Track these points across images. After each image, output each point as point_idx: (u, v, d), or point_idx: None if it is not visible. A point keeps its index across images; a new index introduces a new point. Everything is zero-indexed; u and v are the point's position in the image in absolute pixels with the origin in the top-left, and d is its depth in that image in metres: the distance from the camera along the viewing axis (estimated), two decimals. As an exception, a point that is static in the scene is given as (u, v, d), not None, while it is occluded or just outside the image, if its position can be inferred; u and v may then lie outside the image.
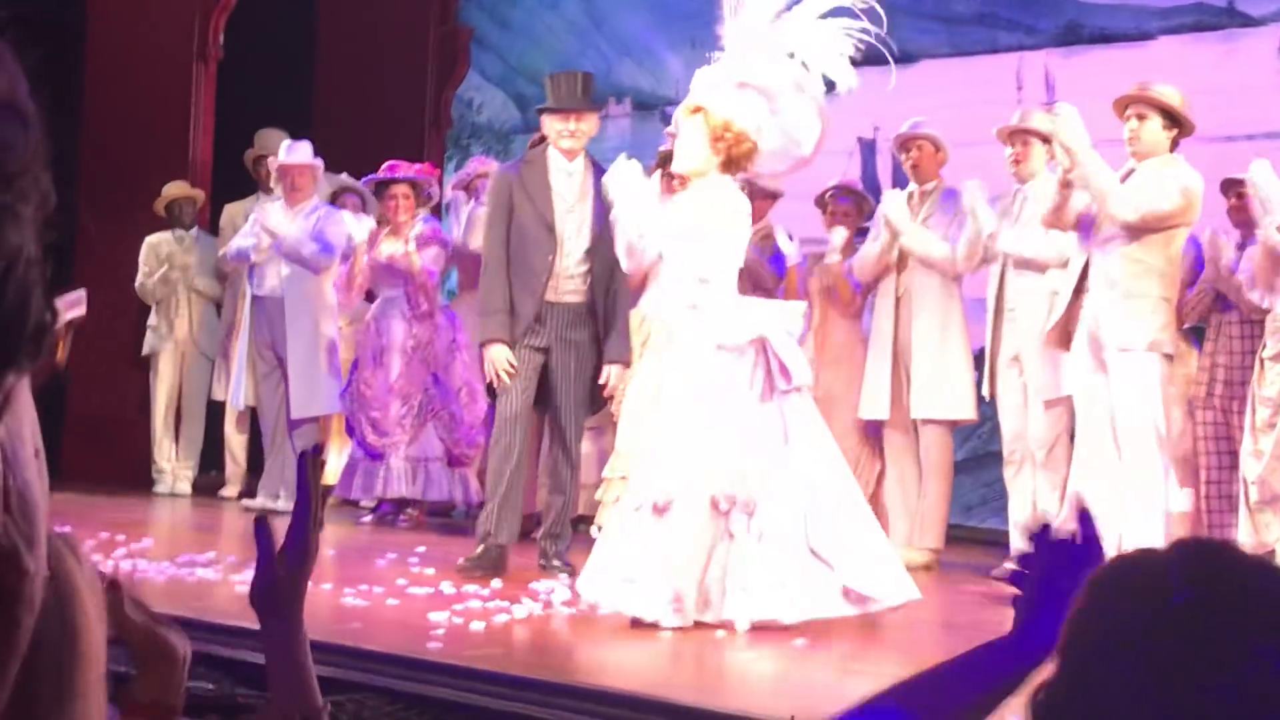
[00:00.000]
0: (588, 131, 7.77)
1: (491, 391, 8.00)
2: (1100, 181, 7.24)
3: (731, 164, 6.57)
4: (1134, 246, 7.31)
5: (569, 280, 7.70)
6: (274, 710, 1.97)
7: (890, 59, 6.48)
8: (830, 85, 6.57)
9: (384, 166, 9.99)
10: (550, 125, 7.84)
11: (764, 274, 9.59)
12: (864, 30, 6.50)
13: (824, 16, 6.50)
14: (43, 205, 0.71)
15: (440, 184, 10.96)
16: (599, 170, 7.54)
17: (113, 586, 1.88)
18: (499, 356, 7.66)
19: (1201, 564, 1.51)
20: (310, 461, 2.17)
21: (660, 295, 6.79)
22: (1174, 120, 7.41)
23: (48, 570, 0.75)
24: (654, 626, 6.10)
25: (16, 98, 0.71)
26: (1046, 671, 1.59)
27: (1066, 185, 7.43)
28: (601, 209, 7.35)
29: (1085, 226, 7.51)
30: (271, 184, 10.49)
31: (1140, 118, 7.42)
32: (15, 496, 0.71)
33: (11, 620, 0.72)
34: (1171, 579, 1.50)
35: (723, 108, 6.47)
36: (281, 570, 2.10)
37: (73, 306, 0.69)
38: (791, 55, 6.53)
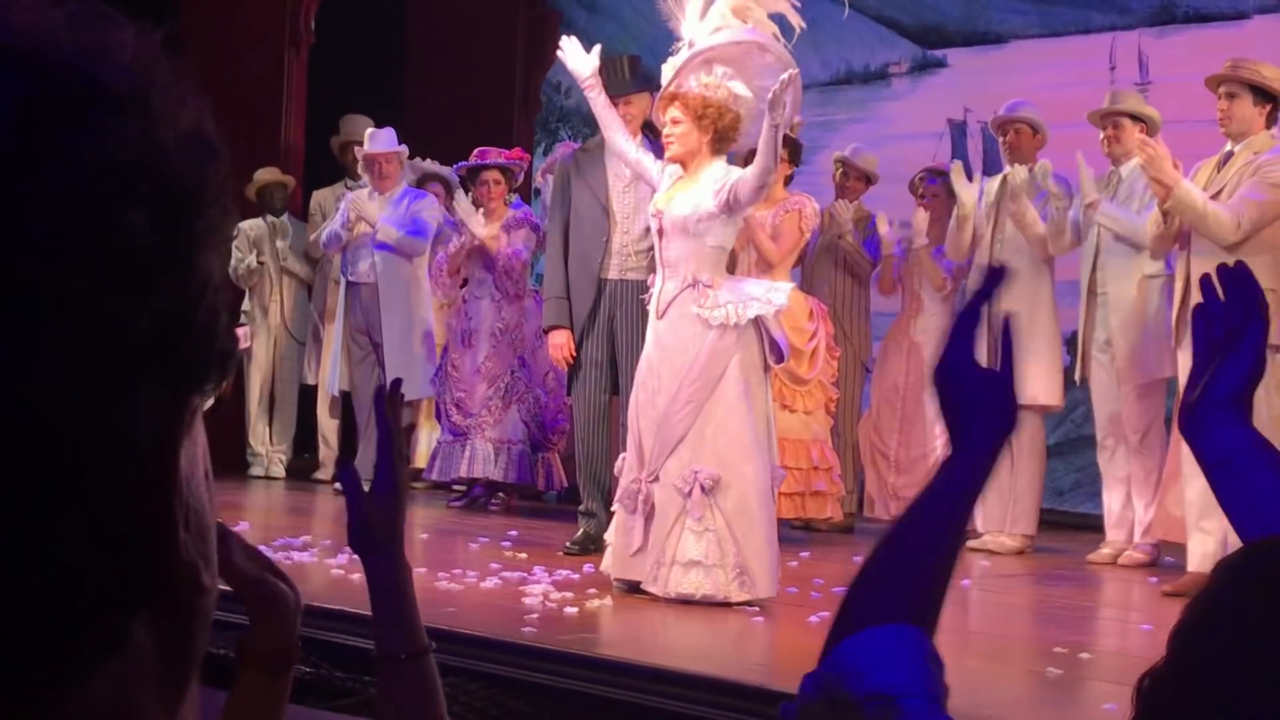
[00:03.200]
0: (639, 114, 7.85)
1: (572, 376, 8.07)
2: (1198, 211, 7.14)
3: (720, 139, 6.56)
4: (1239, 247, 7.21)
5: (631, 258, 7.81)
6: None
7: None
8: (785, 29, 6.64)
9: (474, 153, 10.04)
10: None
11: (859, 260, 9.58)
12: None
13: None
14: (228, 235, 0.75)
15: (530, 168, 10.99)
16: (655, 146, 7.66)
17: (222, 538, 1.89)
18: (559, 342, 7.90)
19: None
20: (388, 397, 2.17)
21: (660, 275, 6.70)
22: (1267, 97, 7.30)
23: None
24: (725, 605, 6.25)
25: (205, 130, 0.75)
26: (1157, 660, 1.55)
27: (1168, 214, 7.37)
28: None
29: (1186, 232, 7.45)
30: (359, 171, 10.58)
31: (1230, 96, 7.33)
32: (193, 516, 0.75)
33: (191, 635, 0.76)
34: None
35: (695, 87, 6.48)
36: (373, 509, 2.11)
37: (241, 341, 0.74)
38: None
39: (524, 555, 7.37)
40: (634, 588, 6.43)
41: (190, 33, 11.70)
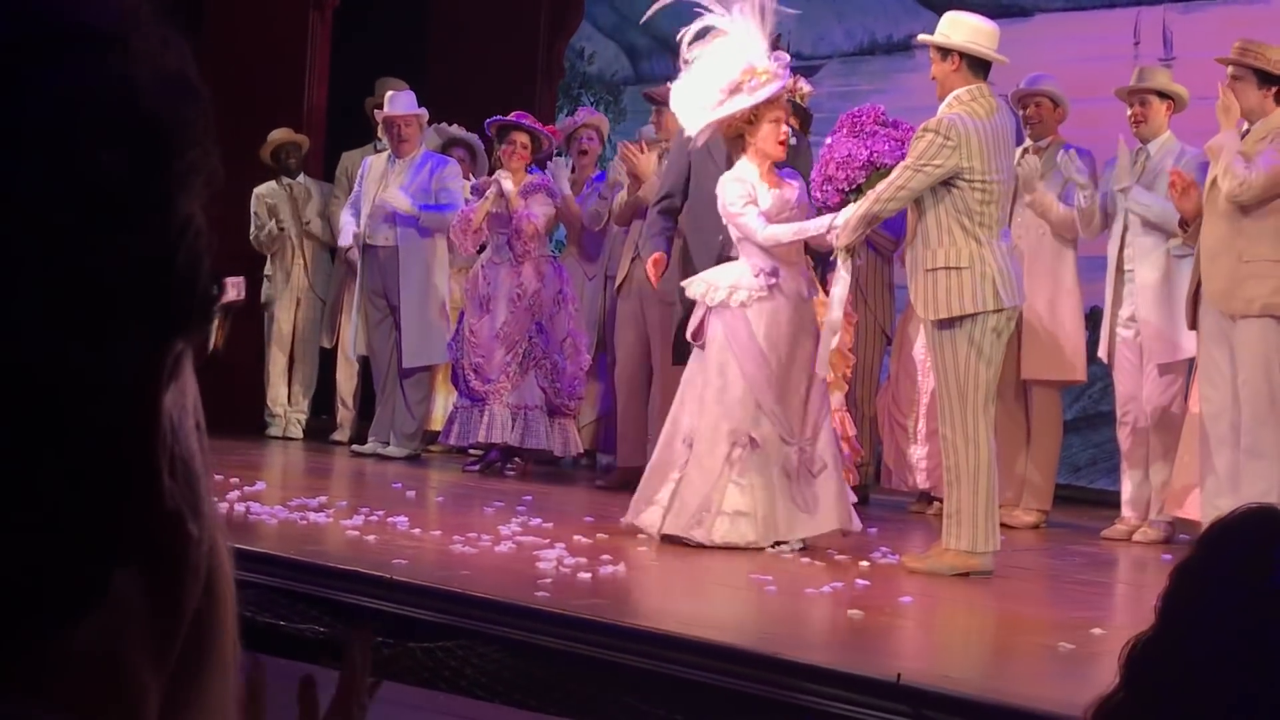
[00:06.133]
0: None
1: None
2: (1220, 168, 7.15)
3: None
4: (1247, 212, 7.21)
5: None
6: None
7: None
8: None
9: (513, 114, 9.99)
10: None
11: (877, 238, 9.58)
12: None
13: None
14: (211, 180, 0.75)
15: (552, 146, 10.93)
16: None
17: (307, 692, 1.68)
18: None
19: None
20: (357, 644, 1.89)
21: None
22: (1273, 79, 7.26)
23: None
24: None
25: (187, 73, 0.75)
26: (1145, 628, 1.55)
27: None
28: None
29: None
30: (379, 134, 10.57)
31: (1236, 79, 7.31)
32: (179, 464, 0.74)
33: (180, 588, 0.75)
34: (1273, 556, 1.46)
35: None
36: None
37: (231, 290, 0.72)
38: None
39: (539, 520, 7.38)
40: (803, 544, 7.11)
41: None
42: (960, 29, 6.82)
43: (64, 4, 0.72)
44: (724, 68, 7.13)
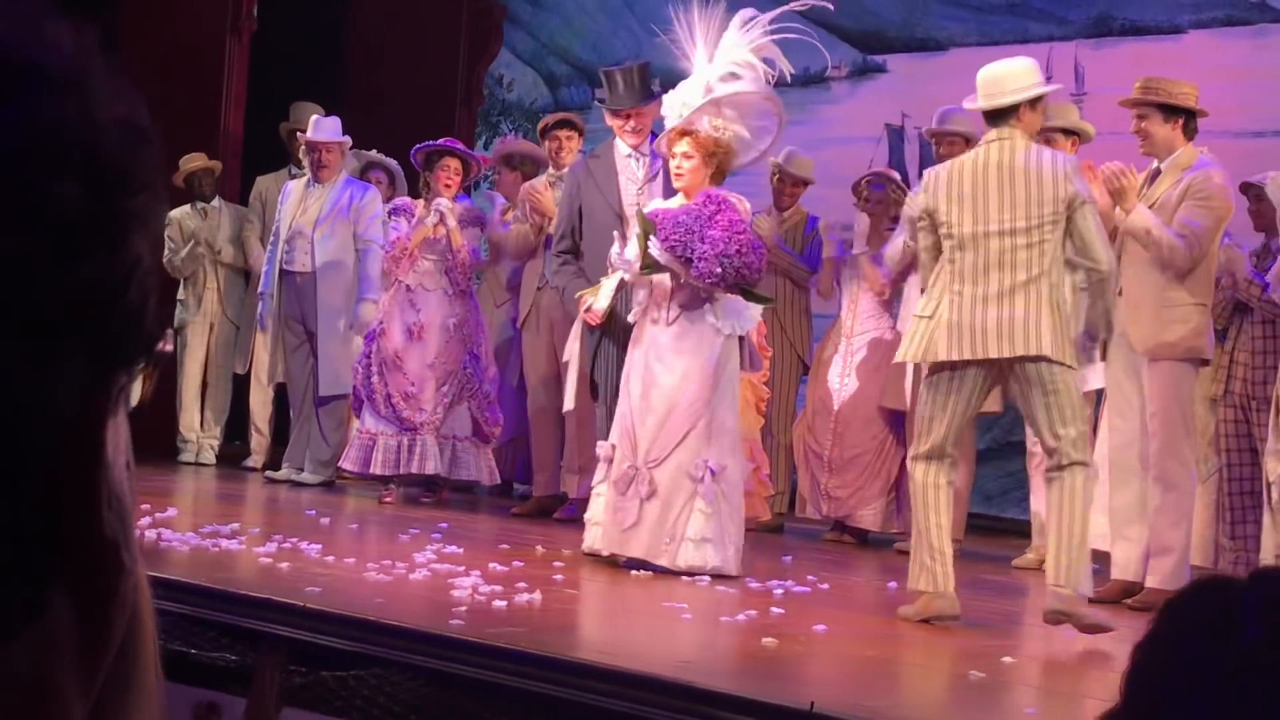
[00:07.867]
0: (648, 124, 8.07)
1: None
2: (1152, 238, 7.15)
3: (719, 175, 7.29)
4: None
5: None
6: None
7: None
8: (780, 74, 7.38)
9: (442, 140, 9.95)
10: (611, 122, 8.35)
11: (793, 269, 9.65)
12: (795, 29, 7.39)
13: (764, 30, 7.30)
14: (158, 222, 0.76)
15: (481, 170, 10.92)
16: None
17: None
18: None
19: (1278, 597, 1.43)
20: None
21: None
22: (1176, 111, 7.33)
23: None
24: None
25: (138, 119, 0.77)
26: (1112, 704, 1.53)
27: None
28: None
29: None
30: (300, 155, 10.52)
31: (1141, 117, 7.38)
32: (114, 498, 0.76)
33: (109, 615, 0.76)
34: (1245, 613, 1.44)
35: (707, 128, 7.21)
36: None
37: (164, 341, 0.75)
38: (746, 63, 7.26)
39: (454, 548, 7.36)
40: (630, 562, 7.22)
41: (133, 17, 11.63)
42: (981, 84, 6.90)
43: (20, 46, 0.74)
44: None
